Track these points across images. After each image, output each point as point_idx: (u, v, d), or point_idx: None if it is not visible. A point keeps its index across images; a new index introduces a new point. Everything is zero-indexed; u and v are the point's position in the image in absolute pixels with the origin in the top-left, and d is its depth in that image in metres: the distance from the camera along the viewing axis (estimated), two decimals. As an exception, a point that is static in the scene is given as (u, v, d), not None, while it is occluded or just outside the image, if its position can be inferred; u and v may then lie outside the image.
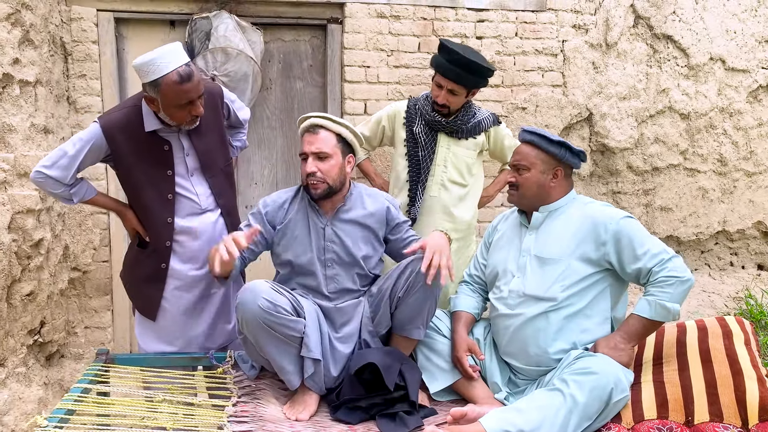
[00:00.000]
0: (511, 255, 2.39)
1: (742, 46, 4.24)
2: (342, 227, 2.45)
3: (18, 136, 2.86)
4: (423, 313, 2.35)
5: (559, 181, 2.32)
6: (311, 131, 2.40)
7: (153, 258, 2.52)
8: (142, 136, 2.40)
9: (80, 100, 3.46)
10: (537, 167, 2.30)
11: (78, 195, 2.45)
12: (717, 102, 4.26)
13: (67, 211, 3.42)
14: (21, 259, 2.86)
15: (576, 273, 2.22)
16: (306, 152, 2.38)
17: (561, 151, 2.28)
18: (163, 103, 2.30)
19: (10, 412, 2.75)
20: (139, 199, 2.49)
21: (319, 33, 3.82)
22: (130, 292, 2.68)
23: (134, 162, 2.43)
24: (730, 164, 4.34)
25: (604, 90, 4.07)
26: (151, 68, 2.24)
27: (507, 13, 3.88)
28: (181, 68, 2.27)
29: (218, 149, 2.60)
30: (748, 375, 1.98)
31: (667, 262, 2.14)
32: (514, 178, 2.35)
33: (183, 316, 2.59)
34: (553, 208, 2.32)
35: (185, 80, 2.27)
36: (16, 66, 2.87)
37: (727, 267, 4.56)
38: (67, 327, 3.51)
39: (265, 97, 3.78)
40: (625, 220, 2.21)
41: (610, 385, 1.95)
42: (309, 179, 2.36)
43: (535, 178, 2.30)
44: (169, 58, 2.26)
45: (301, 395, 2.30)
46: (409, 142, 2.97)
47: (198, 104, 2.36)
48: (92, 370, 2.33)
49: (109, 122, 2.39)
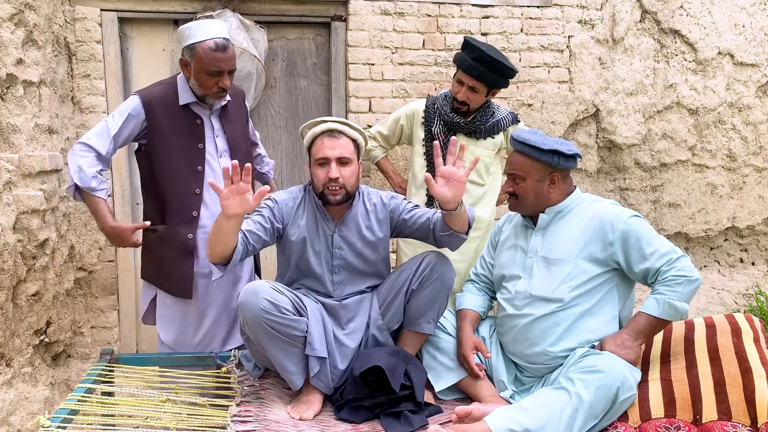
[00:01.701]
0: (517, 256, 2.38)
1: (750, 40, 4.19)
2: (349, 233, 2.43)
3: (22, 136, 2.87)
4: (435, 306, 2.35)
5: (557, 186, 2.29)
6: (332, 135, 2.34)
7: (180, 231, 2.54)
8: (177, 109, 2.53)
9: (84, 100, 3.46)
10: (532, 176, 2.27)
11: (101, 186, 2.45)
12: (726, 97, 4.21)
13: (73, 211, 3.42)
14: (26, 260, 2.86)
15: (583, 273, 2.20)
16: (329, 157, 2.31)
17: (554, 158, 2.23)
18: (196, 68, 2.44)
19: (17, 412, 2.75)
20: (169, 169, 2.54)
21: (323, 31, 3.80)
22: (159, 279, 2.63)
23: (168, 133, 2.53)
24: (739, 160, 4.30)
25: (611, 86, 4.04)
26: (192, 32, 2.43)
27: (512, 9, 3.86)
28: (218, 39, 2.43)
29: (243, 140, 2.74)
30: (757, 373, 1.95)
31: (676, 261, 2.12)
32: (511, 188, 2.33)
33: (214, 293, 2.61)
34: (559, 209, 2.30)
35: (220, 49, 2.42)
36: (20, 66, 2.87)
37: (736, 263, 4.51)
38: (74, 327, 3.51)
39: (269, 95, 3.77)
40: (632, 219, 2.18)
41: (616, 384, 1.93)
42: (331, 185, 2.30)
43: (531, 187, 2.28)
44: (211, 28, 2.45)
45: (305, 395, 2.29)
46: (428, 141, 2.98)
47: (226, 78, 2.47)
48: (96, 370, 2.33)
49: (148, 94, 2.53)
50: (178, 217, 2.55)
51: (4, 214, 2.68)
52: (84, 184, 2.40)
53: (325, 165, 2.32)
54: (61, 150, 3.23)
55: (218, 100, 2.58)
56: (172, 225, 2.56)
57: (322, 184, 2.33)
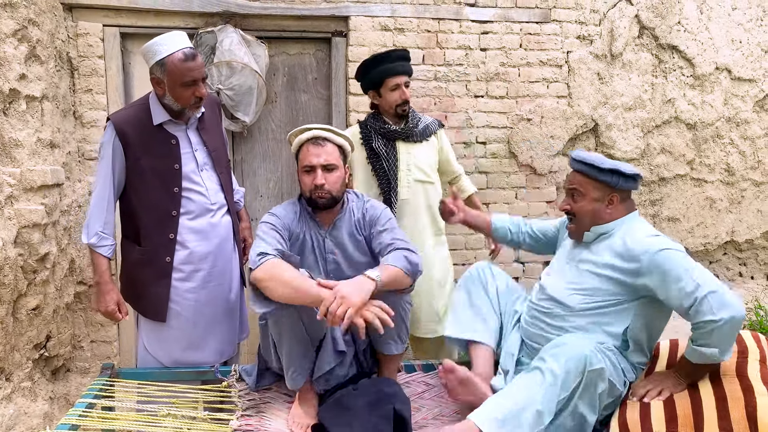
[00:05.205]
0: (560, 258, 2.45)
1: (747, 55, 4.23)
2: (340, 237, 2.45)
3: (24, 150, 2.88)
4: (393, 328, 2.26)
5: (615, 207, 2.28)
6: (317, 143, 2.38)
7: (158, 253, 2.52)
8: (150, 130, 2.49)
9: (86, 115, 3.48)
10: (590, 194, 2.27)
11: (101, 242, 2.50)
12: (723, 112, 4.25)
13: (74, 225, 3.43)
14: (27, 273, 2.87)
15: (601, 292, 2.20)
16: (314, 164, 2.36)
17: (614, 178, 2.23)
18: (169, 82, 2.41)
19: (16, 426, 2.75)
20: (143, 192, 2.51)
21: (324, 46, 3.84)
22: (134, 299, 2.63)
23: (141, 155, 2.48)
24: (738, 174, 4.32)
25: (610, 100, 4.07)
26: (157, 48, 2.40)
27: (511, 25, 3.89)
28: (186, 49, 2.41)
29: (222, 148, 2.71)
30: (759, 391, 1.95)
31: (702, 301, 1.99)
32: (569, 206, 2.33)
33: (192, 318, 2.56)
34: (602, 230, 2.29)
35: (190, 59, 2.40)
36: (23, 81, 2.89)
37: (736, 277, 4.52)
38: (73, 341, 3.51)
39: (270, 110, 3.80)
40: (662, 254, 2.09)
41: (584, 353, 1.99)
42: (317, 191, 2.35)
43: (590, 206, 2.28)
44: (175, 40, 2.42)
45: (302, 404, 2.31)
46: (371, 158, 3.05)
47: (201, 86, 2.46)
48: (97, 385, 2.33)
49: (119, 117, 2.51)
50: (155, 239, 2.52)
51: (5, 228, 2.69)
52: (86, 239, 2.49)
53: (311, 172, 2.36)
54: (62, 164, 3.24)
55: (196, 111, 2.54)
56: (148, 247, 2.53)
57: (308, 190, 2.37)
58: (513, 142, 3.94)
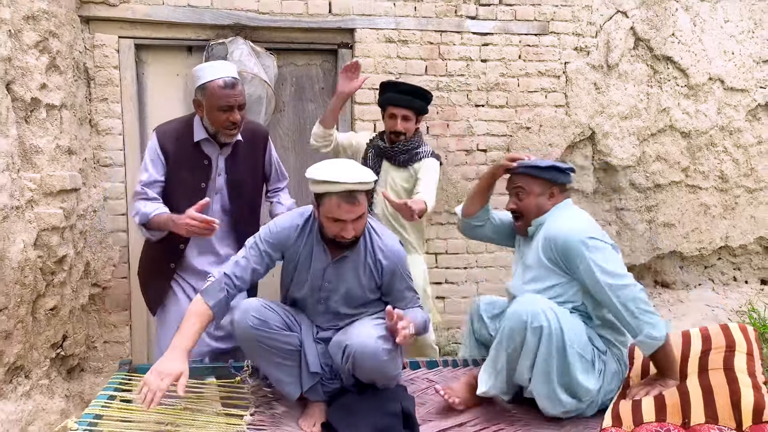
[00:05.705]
0: (515, 260, 2.64)
1: (740, 66, 4.35)
2: (342, 270, 2.36)
3: (44, 157, 2.99)
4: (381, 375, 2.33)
5: (555, 199, 2.50)
6: (352, 202, 2.15)
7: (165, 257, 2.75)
8: (189, 146, 2.68)
9: (102, 123, 3.61)
10: (534, 191, 2.48)
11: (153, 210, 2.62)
12: (717, 120, 4.36)
13: (89, 229, 3.54)
14: (45, 275, 2.96)
15: (546, 278, 2.38)
16: (345, 220, 2.17)
17: (552, 174, 2.47)
18: (207, 106, 2.58)
19: (35, 422, 2.84)
20: (172, 201, 2.68)
21: (330, 57, 3.96)
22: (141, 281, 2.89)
23: (176, 168, 2.68)
24: (731, 181, 4.43)
25: (606, 110, 4.18)
26: (203, 73, 2.59)
27: (511, 37, 4.02)
28: (227, 77, 2.58)
29: (248, 181, 2.82)
30: (744, 383, 2.07)
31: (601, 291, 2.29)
32: (515, 205, 2.52)
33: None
34: (540, 221, 2.49)
35: (228, 86, 2.57)
36: (43, 90, 3.01)
37: (730, 282, 4.62)
38: (87, 341, 3.61)
39: (278, 119, 3.92)
40: (567, 241, 2.32)
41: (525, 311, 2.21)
42: (342, 237, 2.23)
43: (534, 201, 2.49)
44: (218, 68, 2.62)
45: (310, 408, 2.37)
46: (363, 164, 3.17)
47: (236, 112, 2.59)
48: (117, 379, 2.42)
49: (163, 128, 2.73)
50: (167, 243, 2.70)
51: (26, 230, 2.79)
52: (142, 220, 2.62)
53: (339, 222, 2.19)
54: (79, 170, 3.36)
55: (229, 138, 2.65)
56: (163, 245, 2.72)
57: (333, 235, 2.24)
58: (512, 150, 4.05)
